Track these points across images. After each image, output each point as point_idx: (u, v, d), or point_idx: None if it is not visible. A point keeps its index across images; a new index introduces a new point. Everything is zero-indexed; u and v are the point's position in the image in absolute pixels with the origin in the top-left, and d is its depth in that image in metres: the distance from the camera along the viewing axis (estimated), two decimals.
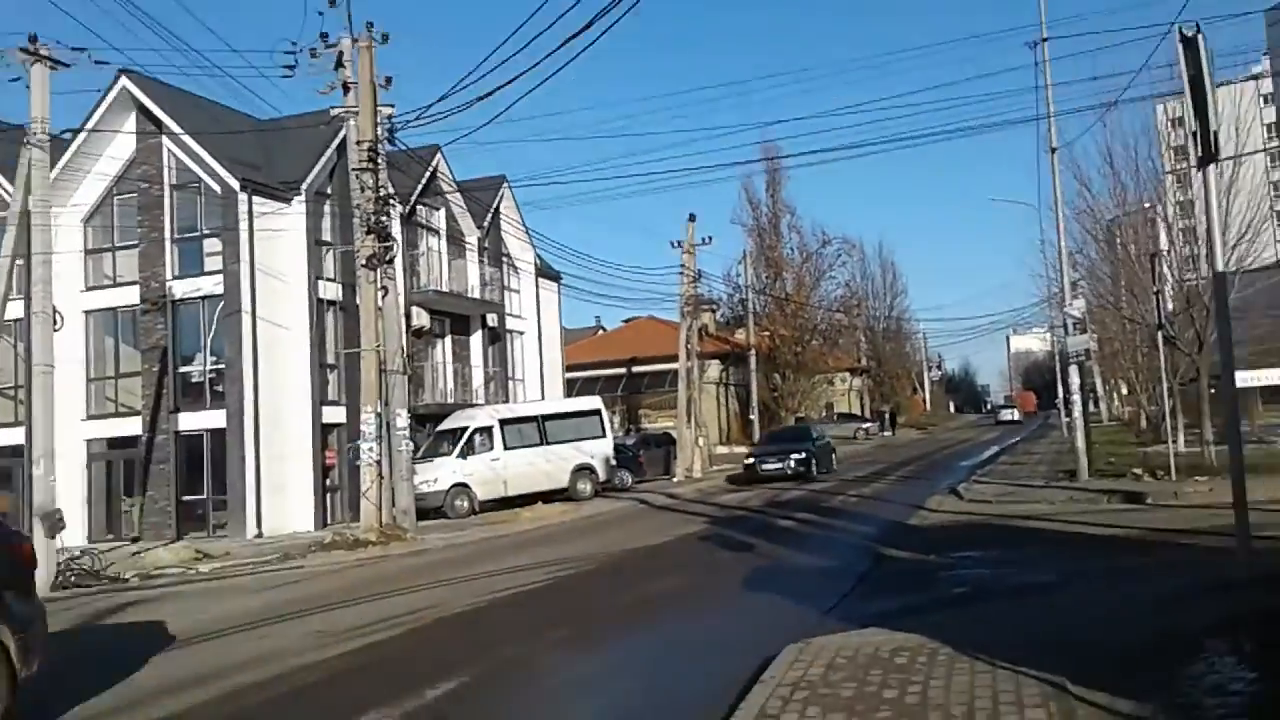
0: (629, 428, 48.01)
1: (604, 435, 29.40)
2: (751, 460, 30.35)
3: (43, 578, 16.92)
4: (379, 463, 20.39)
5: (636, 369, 52.81)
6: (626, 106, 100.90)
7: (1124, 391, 48.73)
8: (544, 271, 38.10)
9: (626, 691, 7.36)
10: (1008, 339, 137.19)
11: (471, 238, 33.70)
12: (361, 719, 6.68)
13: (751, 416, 46.71)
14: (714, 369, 52.47)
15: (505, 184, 35.74)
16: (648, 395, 52.18)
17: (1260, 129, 46.98)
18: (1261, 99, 60.71)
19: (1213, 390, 22.39)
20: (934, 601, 9.21)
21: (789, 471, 28.85)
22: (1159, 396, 29.40)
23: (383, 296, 20.63)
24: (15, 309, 20.52)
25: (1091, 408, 48.95)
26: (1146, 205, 26.35)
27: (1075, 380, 22.54)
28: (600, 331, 69.44)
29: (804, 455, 29.47)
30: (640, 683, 7.59)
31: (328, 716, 6.83)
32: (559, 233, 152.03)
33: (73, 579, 17.58)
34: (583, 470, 28.28)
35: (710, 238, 42.81)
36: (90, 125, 25.63)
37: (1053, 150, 22.26)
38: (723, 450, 46.73)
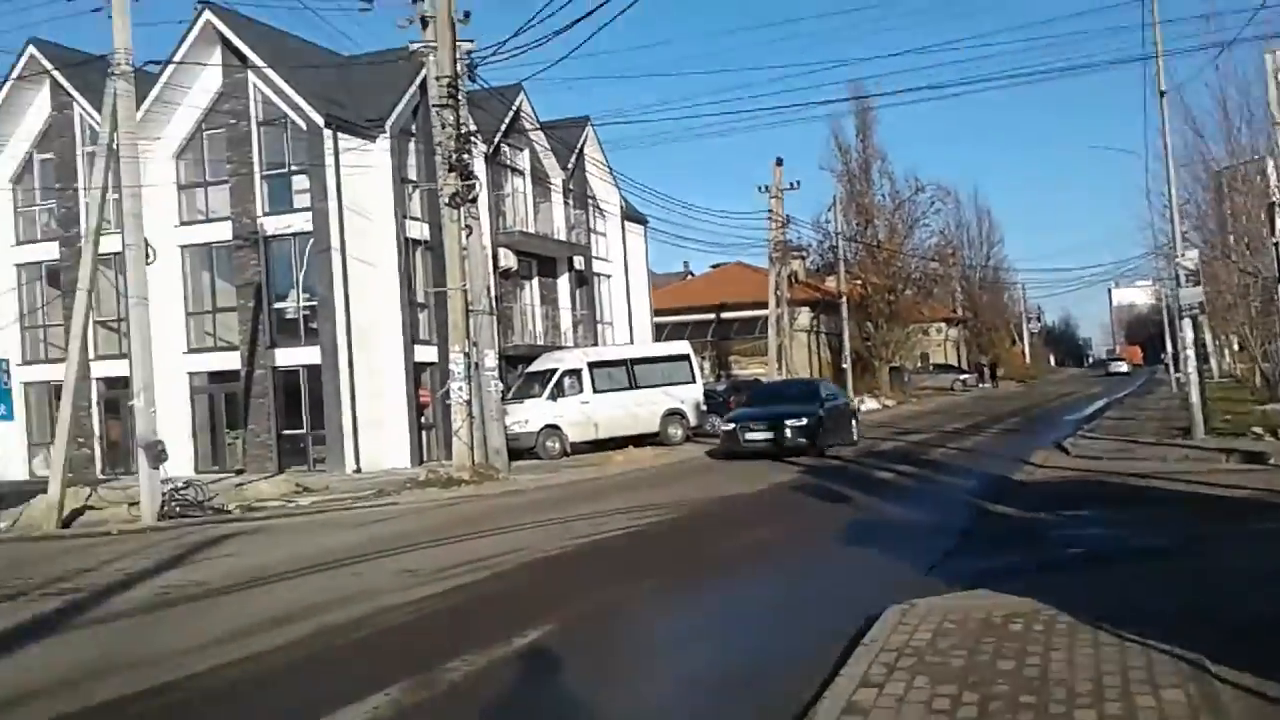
0: (719, 374, 47.60)
1: (694, 380, 29.09)
2: (732, 427, 22.60)
3: (148, 507, 17.43)
4: (469, 402, 20.38)
5: (725, 315, 52.20)
6: (712, 42, 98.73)
7: (1235, 347, 46.70)
8: (630, 215, 37.67)
9: (717, 647, 7.07)
10: (1110, 291, 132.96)
11: (556, 179, 33.41)
12: (446, 664, 6.51)
13: (844, 365, 46.00)
14: (804, 316, 51.67)
15: (589, 124, 35.27)
16: (736, 342, 51.63)
17: None
18: None
19: None
20: (1045, 563, 8.70)
21: (786, 444, 21.47)
22: (1276, 352, 27.99)
23: (467, 236, 20.48)
24: (112, 243, 20.80)
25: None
26: (1260, 157, 24.84)
27: (1189, 334, 21.48)
28: (688, 276, 68.83)
29: (806, 422, 21.72)
30: (731, 639, 7.30)
31: (412, 661, 6.68)
32: (644, 174, 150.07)
33: (177, 509, 17.94)
34: (673, 415, 28.03)
35: (798, 182, 42.03)
36: (177, 58, 25.69)
37: (1162, 94, 21.01)
38: None
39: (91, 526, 17.31)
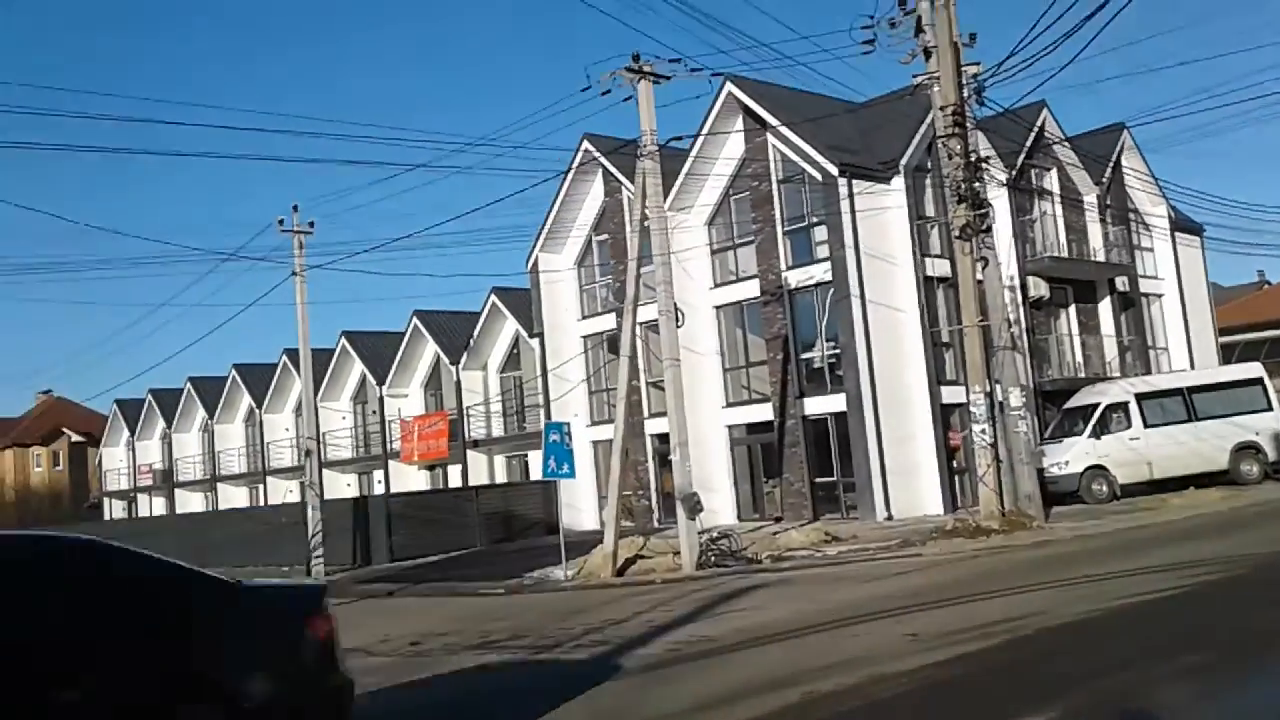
0: None
1: (1270, 408, 24.94)
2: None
3: (687, 557, 18.52)
4: (994, 445, 19.20)
5: None
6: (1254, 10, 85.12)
7: None
8: (1181, 224, 33.56)
9: None
10: None
11: (1089, 196, 30.75)
12: None
13: None
14: None
15: (1124, 130, 32.03)
16: None
17: None
18: None
19: None
20: None
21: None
22: None
23: (982, 268, 19.41)
24: (652, 311, 22.60)
25: None
26: None
27: None
28: (1263, 287, 59.84)
29: None
30: None
31: None
32: (1195, 177, 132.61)
33: (713, 559, 18.86)
34: (1245, 449, 24.17)
35: None
36: (705, 130, 27.57)
37: None
38: None
39: (641, 575, 18.71)
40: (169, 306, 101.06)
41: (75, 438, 70.45)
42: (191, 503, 53.03)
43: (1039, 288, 27.82)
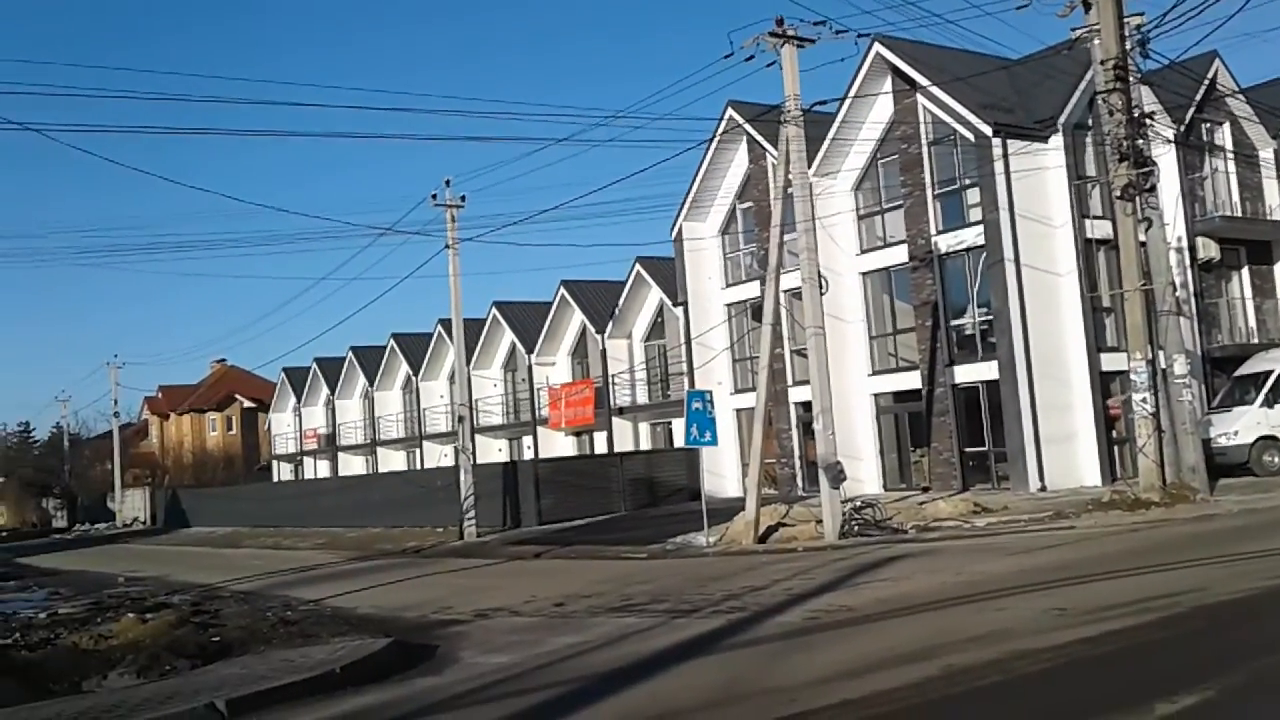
0: None
1: None
2: None
3: (829, 526, 18.38)
4: (1156, 415, 18.35)
5: None
6: None
7: None
8: None
9: None
10: None
11: (1265, 151, 28.88)
12: None
13: None
14: None
15: None
16: None
17: None
18: None
19: None
20: None
21: None
22: None
23: (1145, 229, 18.48)
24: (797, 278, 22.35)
25: None
26: None
27: None
28: None
29: None
30: None
31: None
32: None
33: (856, 528, 18.69)
34: None
35: None
36: (851, 93, 26.99)
37: None
38: None
39: (782, 543, 18.67)
40: (330, 280, 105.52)
41: (247, 404, 74.40)
42: (353, 465, 55.47)
43: (1208, 249, 26.34)
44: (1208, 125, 28.20)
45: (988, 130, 24.39)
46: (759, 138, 30.07)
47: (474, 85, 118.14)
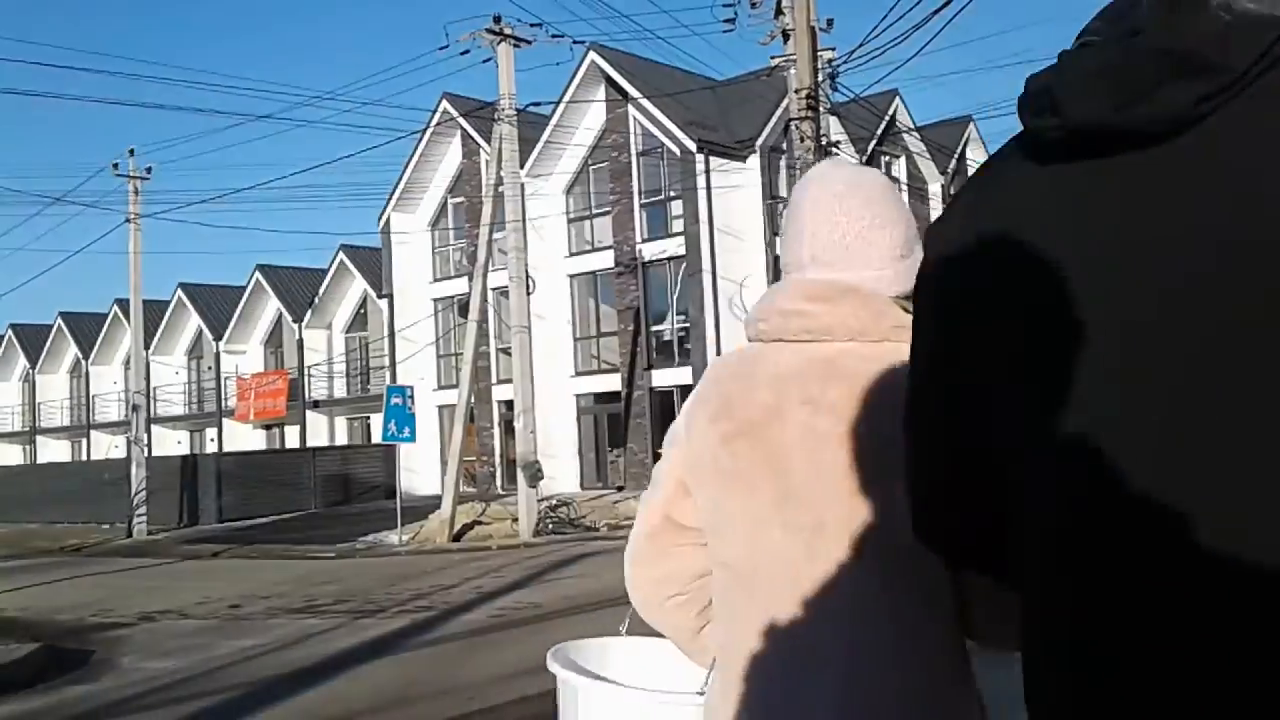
0: None
1: None
2: None
3: (525, 524, 18.42)
4: None
5: None
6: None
7: None
8: None
9: None
10: None
11: (934, 185, 31.86)
12: None
13: None
14: None
15: (971, 122, 33.30)
16: None
17: None
18: None
19: None
20: None
21: None
22: None
23: None
24: (501, 277, 22.32)
25: None
26: None
27: None
28: None
29: None
30: None
31: None
32: None
33: (550, 526, 18.86)
34: None
35: None
36: (567, 98, 27.33)
37: None
38: None
39: (477, 541, 18.54)
40: None
41: None
42: (9, 455, 50.06)
43: None
44: (886, 158, 30.70)
45: (692, 146, 25.38)
46: (473, 133, 29.80)
47: (180, 55, 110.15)
